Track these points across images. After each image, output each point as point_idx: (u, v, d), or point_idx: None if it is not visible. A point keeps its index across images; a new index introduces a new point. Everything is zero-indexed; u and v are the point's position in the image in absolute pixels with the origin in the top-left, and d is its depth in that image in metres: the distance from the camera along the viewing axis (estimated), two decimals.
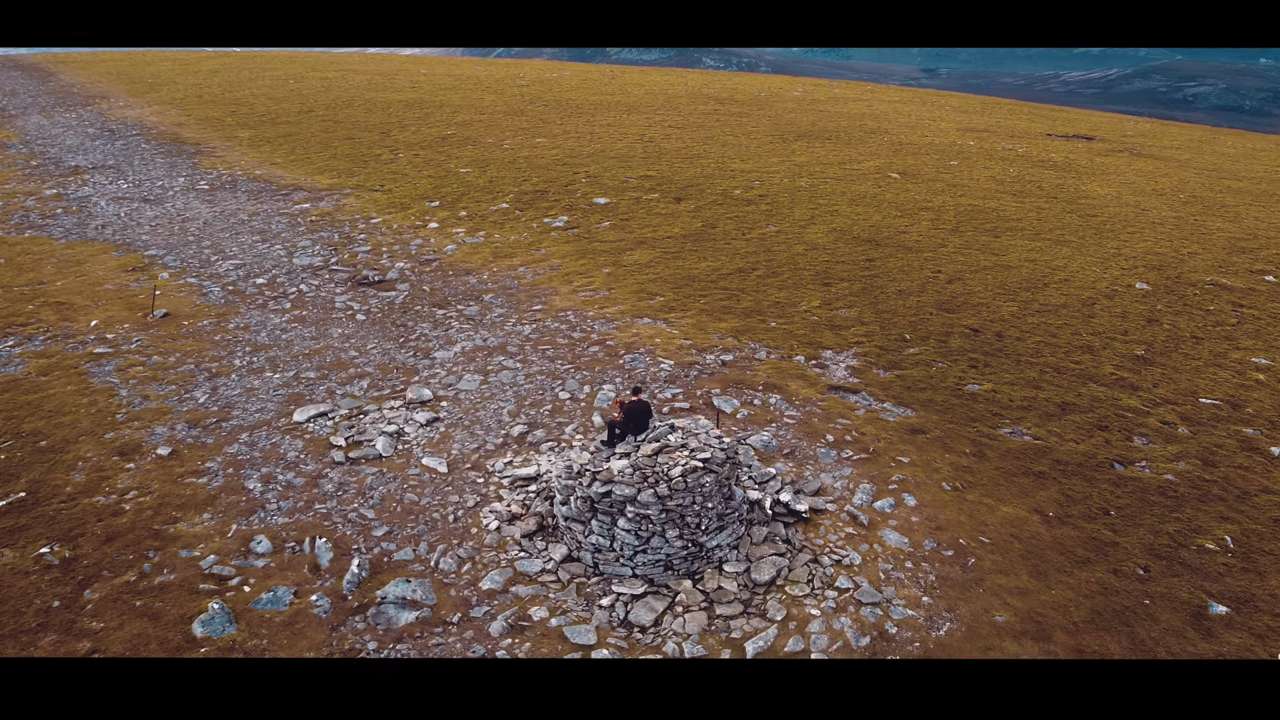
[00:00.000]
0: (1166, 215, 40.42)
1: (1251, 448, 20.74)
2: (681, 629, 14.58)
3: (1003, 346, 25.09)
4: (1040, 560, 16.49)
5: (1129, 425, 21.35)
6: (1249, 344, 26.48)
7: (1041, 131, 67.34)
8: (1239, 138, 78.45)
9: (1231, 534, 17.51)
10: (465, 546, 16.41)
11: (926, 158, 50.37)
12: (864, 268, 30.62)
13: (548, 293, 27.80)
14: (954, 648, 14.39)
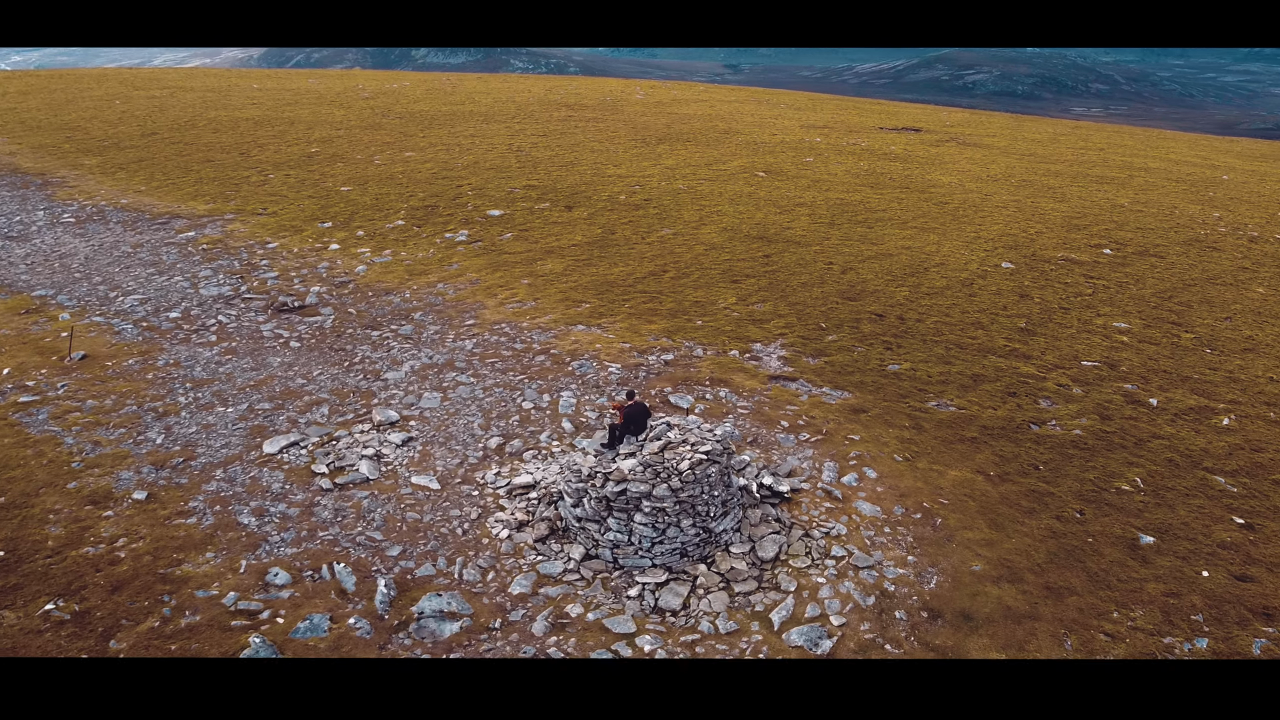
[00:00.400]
0: (1007, 199, 44.63)
1: (1134, 401, 23.86)
2: (709, 608, 15.83)
3: (907, 328, 27.55)
4: (994, 514, 18.68)
5: (1032, 390, 24.10)
6: (1107, 310, 30.06)
7: (874, 125, 72.06)
8: (1039, 123, 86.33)
9: (1140, 475, 20.30)
10: (483, 556, 17.05)
11: (783, 155, 53.29)
12: (763, 264, 32.62)
13: (476, 307, 28.31)
14: (945, 597, 16.27)
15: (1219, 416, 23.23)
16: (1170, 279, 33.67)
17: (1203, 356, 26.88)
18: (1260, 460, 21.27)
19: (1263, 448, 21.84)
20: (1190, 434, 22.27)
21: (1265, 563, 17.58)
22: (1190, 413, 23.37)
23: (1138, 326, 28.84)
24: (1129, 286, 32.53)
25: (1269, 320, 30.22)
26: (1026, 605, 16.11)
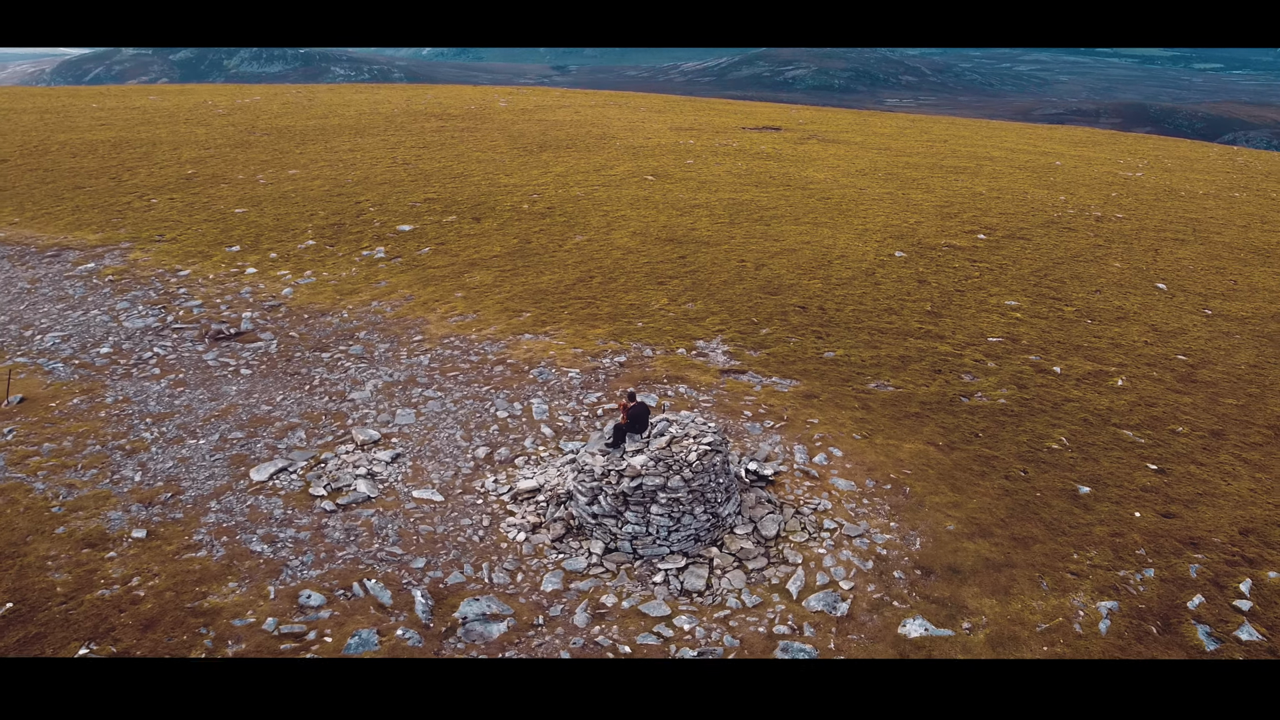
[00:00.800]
0: (881, 193, 47.88)
1: (1041, 370, 26.69)
2: (730, 586, 17.18)
3: (830, 318, 29.68)
4: (952, 479, 20.82)
5: (954, 367, 26.58)
6: (996, 290, 33.15)
7: (737, 125, 75.04)
8: (883, 118, 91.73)
9: (1064, 435, 22.93)
10: (507, 560, 17.83)
11: (665, 159, 55.14)
12: (681, 265, 34.19)
13: (419, 323, 28.65)
14: (931, 555, 18.18)
15: (1113, 379, 26.31)
16: (1040, 259, 37.25)
17: (1086, 327, 30.15)
18: (1156, 414, 24.33)
19: (1154, 403, 24.96)
20: (1094, 395, 25.19)
21: (1182, 501, 20.36)
22: (1089, 377, 26.36)
23: (1026, 304, 31.98)
24: (1008, 268, 35.85)
25: (1130, 291, 34.02)
26: (1001, 555, 18.21)
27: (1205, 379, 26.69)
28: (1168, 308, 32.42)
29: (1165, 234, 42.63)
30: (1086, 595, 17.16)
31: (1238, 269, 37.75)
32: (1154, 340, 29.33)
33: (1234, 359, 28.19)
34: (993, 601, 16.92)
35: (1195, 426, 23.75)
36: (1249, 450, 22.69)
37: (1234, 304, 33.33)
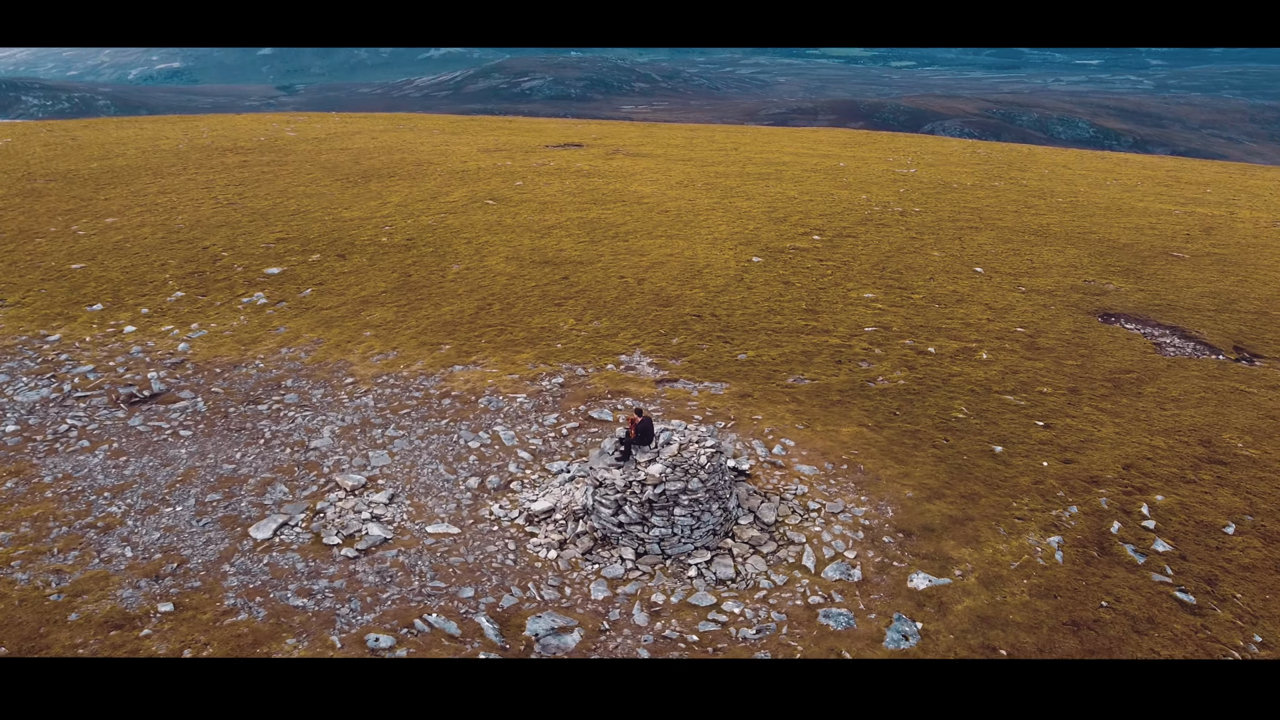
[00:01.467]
0: (710, 203, 51.40)
1: (919, 351, 30.58)
2: (756, 569, 19.27)
3: (726, 323, 32.35)
4: (892, 454, 23.93)
5: (849, 357, 29.94)
6: (851, 285, 37.12)
7: (538, 144, 76.85)
8: (669, 130, 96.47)
9: (963, 405, 26.71)
10: (549, 576, 19.01)
11: (492, 182, 56.17)
12: (568, 286, 35.79)
13: (342, 365, 28.64)
14: (905, 519, 21.07)
15: (979, 353, 30.61)
16: (873, 254, 41.81)
17: (937, 310, 34.57)
18: (1022, 379, 28.70)
19: (1017, 370, 29.38)
20: (970, 369, 29.29)
21: (1072, 449, 24.48)
22: (959, 354, 30.51)
23: (880, 295, 36.10)
24: (851, 264, 40.06)
25: (957, 276, 39.06)
26: (959, 512, 21.40)
27: (1045, 345, 31.55)
28: (991, 288, 37.60)
29: (960, 224, 48.73)
30: (1036, 534, 20.62)
31: (1028, 250, 44.01)
32: (993, 317, 34.12)
33: (1059, 327, 33.40)
34: (969, 550, 20.00)
35: (1055, 386, 28.27)
36: (1101, 401, 27.38)
37: (1038, 280, 39.09)
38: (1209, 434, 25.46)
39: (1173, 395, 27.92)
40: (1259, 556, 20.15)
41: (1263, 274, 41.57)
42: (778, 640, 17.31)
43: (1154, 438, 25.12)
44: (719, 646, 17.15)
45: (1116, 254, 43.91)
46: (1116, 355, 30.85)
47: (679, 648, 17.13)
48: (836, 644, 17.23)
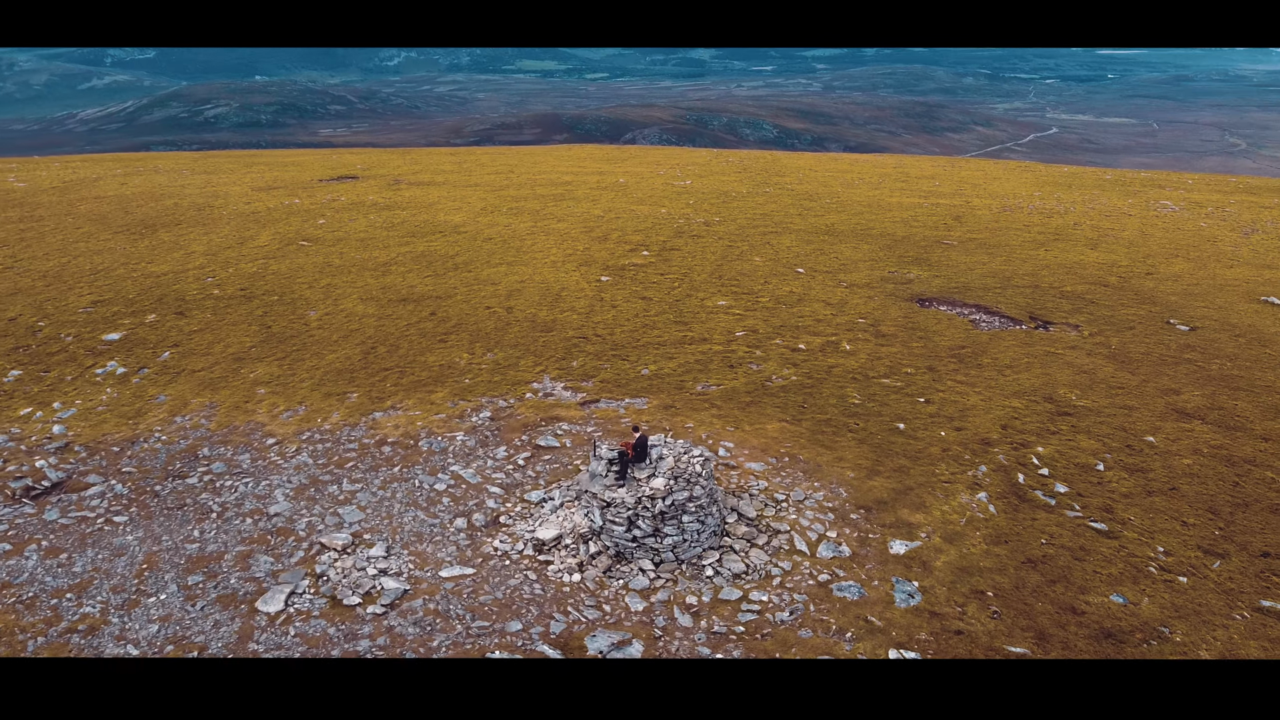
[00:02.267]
0: (525, 227, 52.68)
1: (792, 349, 33.82)
2: (761, 560, 21.28)
3: (614, 342, 34.05)
4: (820, 443, 26.78)
5: (738, 361, 32.63)
6: (703, 294, 39.97)
7: (311, 179, 74.34)
8: (433, 155, 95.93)
9: (854, 392, 30.11)
10: (582, 598, 20.01)
11: (292, 222, 54.23)
12: (440, 321, 36.00)
13: (255, 427, 27.55)
14: (859, 497, 23.88)
15: (841, 345, 34.33)
16: (703, 263, 44.98)
17: (787, 311, 38.13)
18: (887, 364, 32.63)
19: (879, 356, 33.33)
20: (843, 360, 32.88)
21: (958, 418, 28.46)
22: (827, 347, 34.07)
23: (732, 301, 39.20)
24: (690, 275, 42.97)
25: (784, 277, 43.00)
26: (898, 484, 24.53)
27: (889, 332, 35.87)
28: (820, 286, 41.81)
29: (762, 230, 53.20)
30: (966, 494, 24.13)
31: (829, 249, 49.01)
32: (835, 312, 38.17)
33: (891, 315, 37.97)
34: (922, 515, 23.12)
35: (915, 367, 32.43)
36: (955, 375, 31.78)
37: (852, 275, 43.86)
38: (1048, 391, 30.41)
39: (1005, 363, 32.88)
40: (1131, 485, 24.78)
41: (1019, 254, 48.91)
42: (811, 618, 19.42)
43: (1010, 400, 29.67)
44: (765, 633, 19.00)
45: (901, 246, 49.89)
46: (948, 334, 35.67)
47: (731, 640, 18.80)
48: (860, 611, 19.60)
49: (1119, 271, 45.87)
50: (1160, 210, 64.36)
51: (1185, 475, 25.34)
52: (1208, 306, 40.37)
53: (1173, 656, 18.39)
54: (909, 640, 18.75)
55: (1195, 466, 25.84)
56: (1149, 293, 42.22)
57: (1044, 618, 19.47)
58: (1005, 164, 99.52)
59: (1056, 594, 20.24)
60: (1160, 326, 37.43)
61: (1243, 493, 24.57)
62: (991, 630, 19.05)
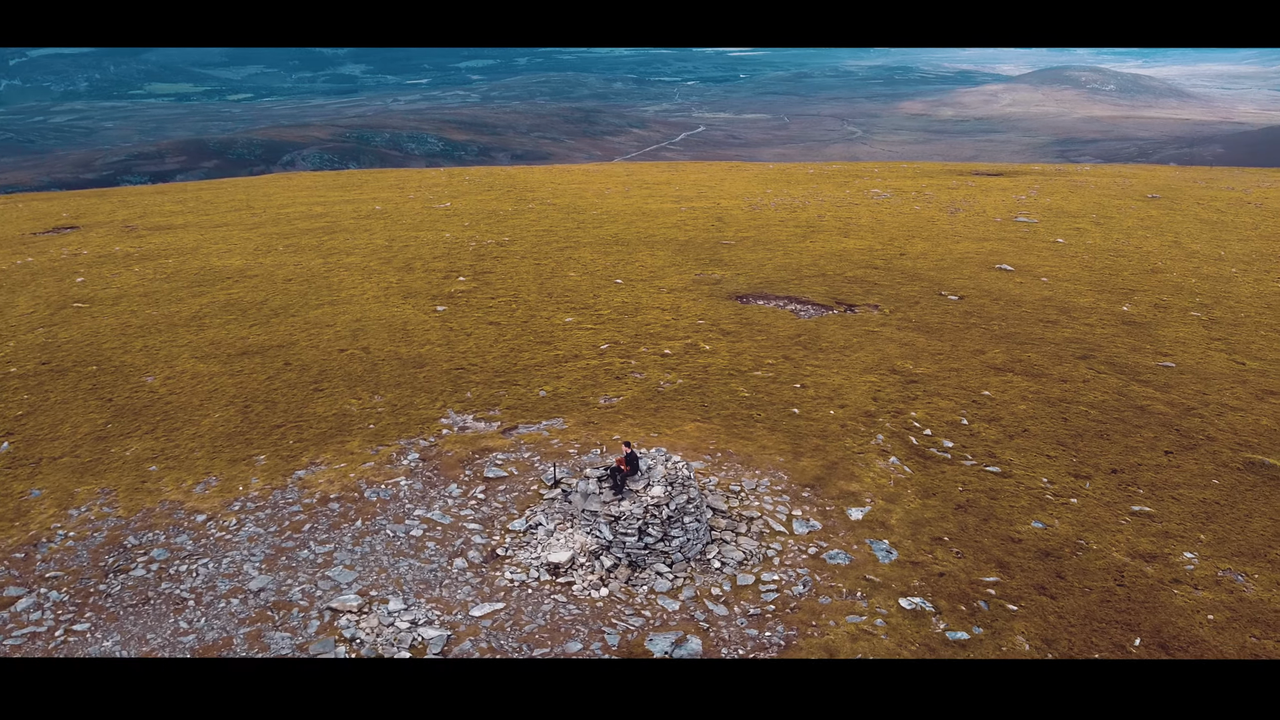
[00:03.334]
0: (317, 264, 51.00)
1: (661, 354, 36.21)
2: (752, 546, 23.53)
3: (491, 370, 34.68)
4: (740, 436, 29.41)
5: (621, 372, 34.51)
6: (547, 312, 41.31)
7: (22, 232, 66.26)
8: (144, 195, 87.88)
9: (740, 386, 33.04)
10: (622, 610, 21.23)
11: (43, 283, 48.72)
12: (301, 370, 34.69)
13: (173, 506, 25.58)
14: (800, 478, 26.80)
15: (701, 345, 37.22)
16: (525, 283, 46.21)
17: (633, 321, 40.47)
18: (750, 359, 35.95)
19: (739, 352, 36.59)
20: (710, 359, 35.77)
21: (836, 397, 32.23)
22: (690, 350, 36.82)
23: (576, 317, 40.92)
24: (519, 296, 44.10)
25: (610, 288, 45.28)
26: (824, 460, 27.74)
27: (731, 329, 39.31)
28: (644, 293, 44.53)
29: (555, 245, 55.10)
30: (882, 460, 27.80)
31: (630, 257, 51.90)
32: (675, 316, 41.06)
33: (723, 313, 41.47)
34: (857, 484, 26.46)
35: (774, 358, 36.03)
36: (809, 360, 35.74)
37: (666, 281, 47.03)
38: (888, 364, 35.14)
39: (841, 345, 37.37)
40: (995, 433, 29.69)
41: (791, 247, 54.57)
42: (821, 586, 21.98)
43: (865, 376, 34.01)
44: (792, 606, 21.30)
45: (690, 250, 53.87)
46: (780, 325, 39.73)
47: (769, 618, 20.90)
48: (857, 573, 22.44)
49: (878, 255, 52.64)
50: (875, 198, 73.63)
51: (1027, 419, 30.70)
52: (961, 278, 47.69)
53: (1097, 563, 22.88)
54: (908, 589, 21.83)
55: (1030, 410, 31.33)
56: (912, 271, 49.02)
57: (995, 550, 23.36)
58: (719, 165, 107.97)
59: (993, 529, 24.26)
60: (938, 299, 43.87)
61: (1072, 426, 30.26)
62: (964, 567, 22.62)
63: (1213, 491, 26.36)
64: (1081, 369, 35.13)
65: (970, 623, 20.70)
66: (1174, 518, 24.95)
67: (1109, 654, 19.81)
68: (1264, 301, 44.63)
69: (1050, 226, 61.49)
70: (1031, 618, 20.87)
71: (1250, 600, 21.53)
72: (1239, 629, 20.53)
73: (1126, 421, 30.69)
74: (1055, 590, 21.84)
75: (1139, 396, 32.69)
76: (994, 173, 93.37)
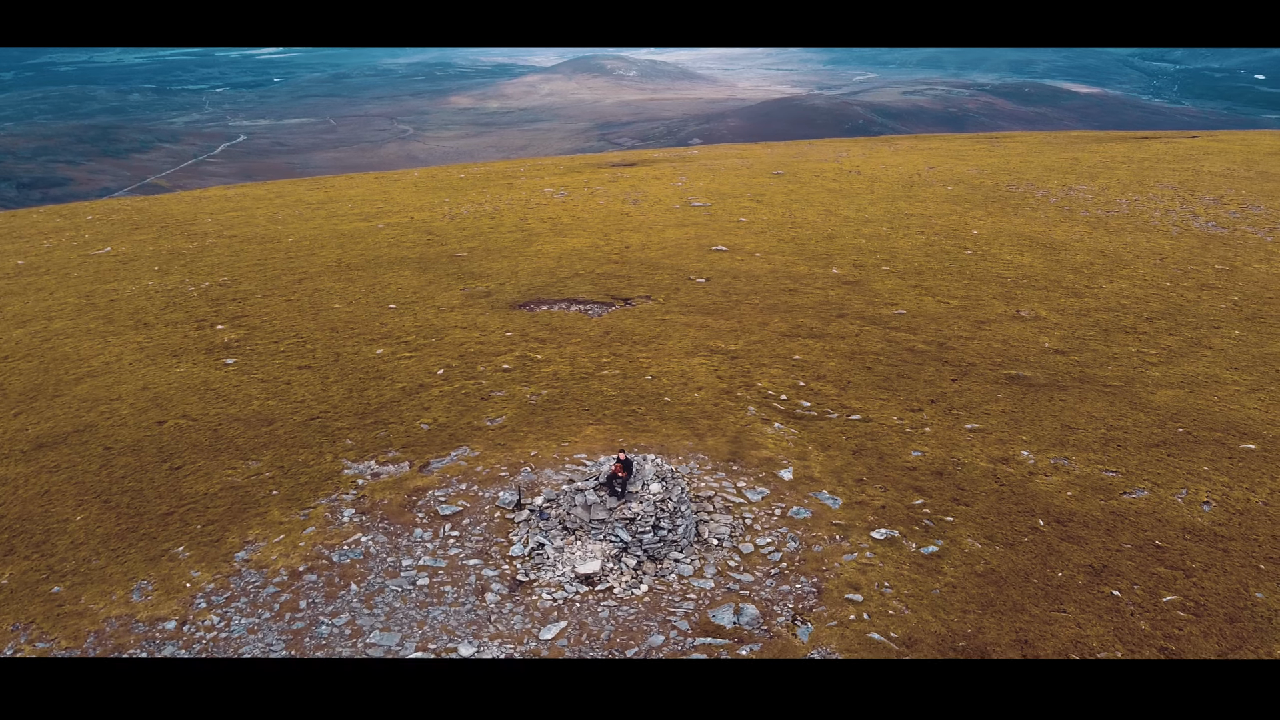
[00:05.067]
0: (11, 340, 44.34)
1: (501, 369, 37.38)
2: (727, 520, 26.54)
3: (351, 414, 33.71)
4: (640, 428, 31.96)
5: (483, 393, 35.22)
6: (352, 346, 40.24)
7: None
8: None
9: (600, 385, 35.44)
10: (671, 600, 23.28)
11: None
12: (131, 451, 31.08)
13: (127, 621, 22.71)
14: (715, 457, 30.14)
15: (533, 356, 38.83)
16: (296, 324, 44.06)
17: (449, 342, 40.77)
18: (587, 360, 38.29)
19: (571, 356, 38.77)
20: (553, 366, 37.60)
21: (686, 384, 35.81)
22: (525, 361, 38.26)
23: (384, 347, 40.33)
24: (305, 335, 42.20)
25: (391, 316, 44.76)
26: (726, 436, 31.28)
27: (543, 337, 41.24)
28: (432, 315, 44.67)
29: (286, 279, 52.38)
30: (768, 427, 32.00)
31: (381, 280, 51.12)
32: (481, 332, 41.98)
33: (521, 323, 43.18)
34: (766, 451, 30.42)
35: (606, 355, 38.72)
36: (635, 353, 38.94)
37: (440, 300, 47.36)
38: (704, 346, 39.50)
39: (649, 336, 41.06)
40: (830, 390, 35.18)
41: (524, 253, 56.95)
42: (807, 538, 25.67)
43: (693, 359, 38.06)
44: (799, 559, 24.77)
45: (436, 266, 54.20)
46: (583, 326, 42.45)
47: (788, 574, 24.18)
48: (826, 519, 26.41)
49: (608, 250, 56.85)
50: (556, 198, 77.72)
51: (844, 372, 36.66)
52: (694, 262, 53.45)
53: (975, 473, 28.96)
54: (869, 524, 26.26)
55: (840, 365, 37.38)
56: (651, 260, 53.90)
57: (904, 479, 28.59)
58: (364, 176, 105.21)
59: (891, 464, 29.51)
60: (692, 283, 49.10)
61: (877, 372, 36.70)
62: (894, 498, 27.54)
63: (1004, 403, 33.92)
64: (847, 325, 42.07)
65: (930, 538, 25.59)
66: (996, 428, 31.96)
67: (1029, 534, 25.71)
68: (923, 252, 55.46)
69: (724, 208, 69.75)
70: (966, 523, 26.26)
71: (1082, 475, 28.78)
72: (1090, 498, 27.53)
73: (908, 362, 37.79)
74: (966, 499, 27.50)
75: (903, 341, 40.16)
76: (628, 163, 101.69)
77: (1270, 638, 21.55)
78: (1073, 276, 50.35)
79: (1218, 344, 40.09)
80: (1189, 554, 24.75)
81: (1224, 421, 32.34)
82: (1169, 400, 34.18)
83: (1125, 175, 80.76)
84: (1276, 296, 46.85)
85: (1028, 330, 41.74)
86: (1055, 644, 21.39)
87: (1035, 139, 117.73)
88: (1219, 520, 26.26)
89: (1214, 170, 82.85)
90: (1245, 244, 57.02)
